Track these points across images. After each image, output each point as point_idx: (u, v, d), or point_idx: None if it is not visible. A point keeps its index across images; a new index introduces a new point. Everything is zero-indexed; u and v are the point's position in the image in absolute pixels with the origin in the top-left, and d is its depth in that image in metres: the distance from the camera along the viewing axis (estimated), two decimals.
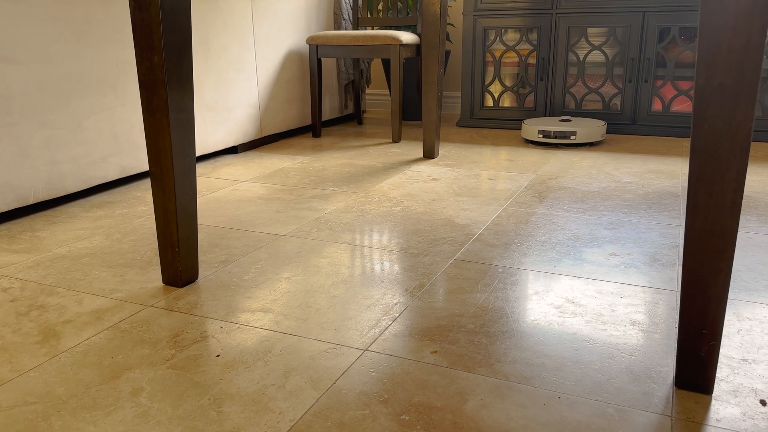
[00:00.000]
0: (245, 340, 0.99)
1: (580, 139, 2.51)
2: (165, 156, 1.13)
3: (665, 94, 2.70)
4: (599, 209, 1.65)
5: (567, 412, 0.79)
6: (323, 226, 1.56)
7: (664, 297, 1.11)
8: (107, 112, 1.86)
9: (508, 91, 2.99)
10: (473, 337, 0.98)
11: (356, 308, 1.09)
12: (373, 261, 1.31)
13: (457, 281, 1.20)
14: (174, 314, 1.08)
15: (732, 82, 0.71)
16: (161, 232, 1.18)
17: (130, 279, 1.24)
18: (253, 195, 1.86)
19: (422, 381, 0.86)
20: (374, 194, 1.84)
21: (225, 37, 2.33)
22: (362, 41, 2.60)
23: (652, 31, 2.65)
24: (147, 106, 1.12)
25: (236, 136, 2.46)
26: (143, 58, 1.10)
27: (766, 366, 0.88)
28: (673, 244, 1.38)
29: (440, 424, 0.77)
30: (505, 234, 1.46)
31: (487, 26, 2.93)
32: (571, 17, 2.77)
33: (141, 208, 1.74)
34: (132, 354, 0.95)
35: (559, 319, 1.04)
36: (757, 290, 1.14)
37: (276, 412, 0.80)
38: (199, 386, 0.86)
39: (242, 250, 1.40)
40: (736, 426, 0.75)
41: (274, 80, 2.65)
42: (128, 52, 1.91)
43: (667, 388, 0.84)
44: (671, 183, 1.91)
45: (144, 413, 0.80)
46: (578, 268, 1.26)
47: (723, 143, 0.72)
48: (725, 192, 0.74)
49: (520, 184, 1.92)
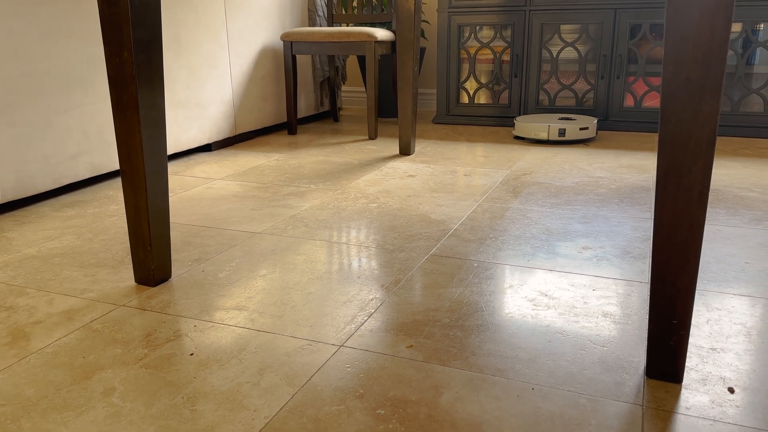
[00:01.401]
0: (219, 338, 0.98)
1: (590, 134, 2.55)
2: (135, 153, 1.11)
3: (637, 90, 2.74)
4: (572, 204, 1.67)
5: (540, 403, 0.79)
6: (299, 223, 1.55)
7: (635, 289, 1.13)
8: (77, 109, 1.83)
9: (483, 88, 3.01)
10: (448, 331, 0.99)
11: (332, 305, 1.09)
12: (349, 257, 1.31)
13: (432, 276, 1.20)
14: (146, 313, 1.07)
15: (698, 76, 0.72)
16: (133, 231, 1.17)
17: (102, 279, 1.22)
18: (228, 193, 1.85)
19: (398, 375, 0.86)
20: (350, 191, 1.84)
21: (197, 34, 2.30)
22: (337, 38, 2.60)
23: (624, 28, 2.68)
24: (117, 103, 1.10)
25: (210, 133, 2.44)
26: (112, 54, 1.08)
27: (734, 355, 0.90)
28: (645, 237, 1.40)
29: (415, 418, 0.77)
30: (480, 229, 1.47)
31: (461, 23, 2.95)
32: (544, 14, 2.80)
33: (113, 207, 1.71)
34: (104, 354, 0.94)
35: (533, 312, 1.05)
36: (725, 281, 1.16)
37: (251, 410, 0.79)
38: (172, 385, 0.85)
39: (216, 248, 1.38)
40: (705, 413, 0.77)
41: (248, 77, 2.63)
42: (98, 48, 1.87)
43: (639, 378, 0.85)
44: (643, 177, 1.94)
45: (116, 413, 0.79)
46: (552, 261, 1.27)
47: (690, 136, 0.74)
48: (693, 184, 0.75)
49: (495, 180, 1.93)
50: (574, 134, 2.51)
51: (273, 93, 2.83)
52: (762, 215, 1.54)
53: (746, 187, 1.80)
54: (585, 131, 2.51)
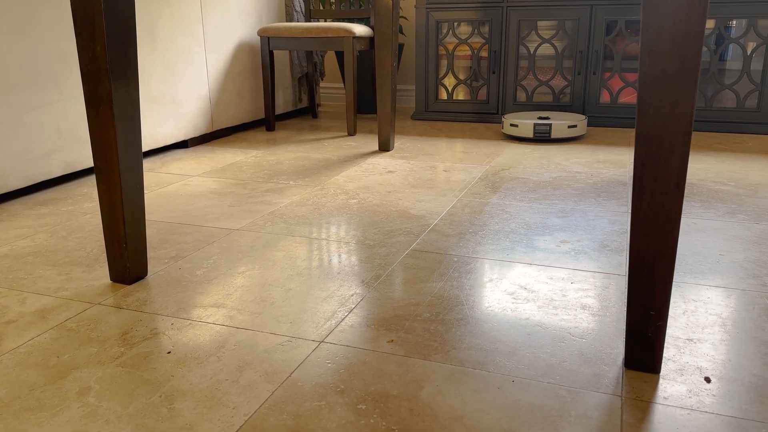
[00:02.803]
0: (197, 336, 0.97)
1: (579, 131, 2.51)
2: (110, 149, 1.09)
3: (613, 85, 2.77)
4: (550, 198, 1.68)
5: (521, 395, 0.80)
6: (278, 219, 1.54)
7: (613, 281, 1.14)
8: (49, 106, 1.79)
9: (461, 84, 3.01)
10: (429, 326, 0.98)
11: (312, 301, 1.08)
12: (329, 253, 1.31)
13: (413, 271, 1.20)
14: (122, 312, 1.05)
15: (674, 68, 0.72)
16: (107, 228, 1.15)
17: (77, 277, 1.20)
18: (205, 189, 1.82)
19: (379, 370, 0.86)
20: (330, 187, 1.83)
21: (172, 28, 2.27)
22: (315, 33, 2.58)
23: (600, 24, 2.71)
24: (90, 98, 1.08)
25: (186, 130, 2.41)
26: (85, 48, 1.06)
27: (710, 345, 0.92)
28: (622, 231, 1.41)
29: (396, 412, 0.77)
30: (460, 224, 1.48)
31: (439, 19, 2.95)
32: (521, 11, 2.81)
33: (87, 205, 1.68)
34: (79, 353, 0.92)
35: (512, 306, 1.05)
36: (701, 273, 1.17)
37: (230, 407, 0.78)
38: (149, 384, 0.84)
39: (194, 245, 1.37)
40: (683, 403, 0.78)
41: (224, 73, 2.60)
42: (71, 43, 1.84)
43: (617, 369, 0.86)
44: (619, 172, 1.96)
45: (92, 413, 0.77)
46: (530, 255, 1.28)
47: (667, 128, 0.74)
48: (669, 176, 0.76)
49: (474, 175, 1.94)
50: (563, 132, 2.49)
51: (250, 89, 2.81)
52: (736, 208, 1.56)
53: (720, 181, 1.83)
54: (574, 129, 2.49)
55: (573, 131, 2.49)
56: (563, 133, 2.48)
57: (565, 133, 2.47)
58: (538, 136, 2.48)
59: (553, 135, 2.47)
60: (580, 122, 2.51)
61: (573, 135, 2.49)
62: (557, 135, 2.47)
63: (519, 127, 2.52)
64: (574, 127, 2.48)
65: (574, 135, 2.50)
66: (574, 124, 2.48)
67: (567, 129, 2.47)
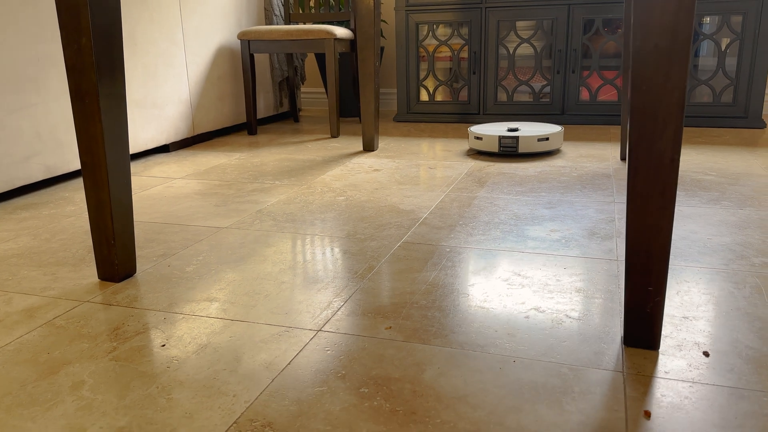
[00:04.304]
0: (191, 328, 0.95)
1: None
2: (96, 144, 1.08)
3: (592, 84, 2.81)
4: (537, 191, 1.69)
5: (523, 374, 0.79)
6: (266, 217, 1.52)
7: (604, 266, 1.15)
8: (29, 109, 1.76)
9: (442, 86, 3.03)
10: (426, 312, 0.98)
11: (306, 292, 1.07)
12: (320, 248, 1.30)
13: (406, 262, 1.20)
14: (113, 308, 1.03)
15: (666, 43, 0.73)
16: (95, 225, 1.13)
17: (63, 277, 1.17)
18: (189, 191, 1.80)
19: (379, 355, 0.85)
20: (316, 186, 1.82)
21: (152, 32, 2.25)
22: (296, 35, 2.58)
23: (578, 23, 2.75)
24: (76, 92, 1.06)
25: (168, 134, 2.38)
26: (70, 41, 1.04)
27: (705, 321, 0.92)
28: (609, 219, 1.43)
29: (400, 394, 0.76)
30: (450, 217, 1.48)
31: (419, 21, 2.96)
32: (499, 11, 2.84)
33: (70, 208, 1.65)
34: (70, 349, 0.90)
35: (508, 291, 1.05)
36: (691, 255, 1.19)
37: (230, 395, 0.77)
38: (145, 376, 0.82)
39: (181, 243, 1.35)
40: (684, 376, 0.78)
41: (205, 77, 2.59)
42: (50, 46, 1.81)
43: (617, 347, 0.86)
44: (603, 165, 1.98)
45: (87, 405, 0.75)
46: (522, 244, 1.28)
47: (660, 103, 0.75)
48: (664, 150, 0.77)
49: (460, 172, 1.94)
50: (531, 147, 2.12)
51: (231, 93, 2.79)
52: (719, 196, 1.59)
53: (702, 171, 1.86)
54: (545, 143, 2.13)
55: (544, 145, 2.13)
56: (533, 148, 2.11)
57: (534, 147, 2.12)
58: (504, 151, 2.13)
59: (521, 150, 2.11)
60: (554, 135, 2.14)
61: (544, 149, 2.13)
62: (526, 150, 2.11)
63: (483, 140, 2.17)
64: (546, 141, 2.13)
65: (546, 149, 2.14)
66: (546, 137, 2.12)
67: (537, 143, 2.12)
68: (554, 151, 2.23)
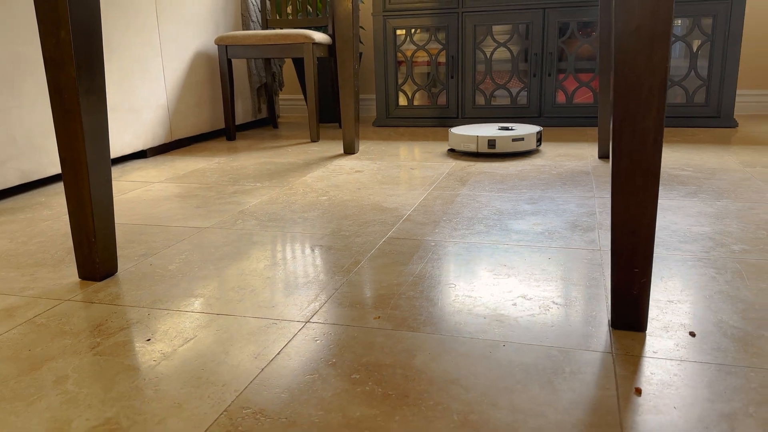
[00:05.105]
0: (177, 323, 0.94)
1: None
2: (76, 140, 1.06)
3: (568, 86, 2.84)
4: (518, 188, 1.70)
5: (514, 357, 0.80)
6: (249, 217, 1.51)
7: (588, 255, 1.16)
8: (3, 113, 1.73)
9: (421, 90, 3.05)
10: (414, 302, 0.98)
11: (293, 286, 1.06)
12: (305, 244, 1.29)
13: (392, 256, 1.19)
14: (95, 306, 1.01)
15: (648, 23, 0.75)
16: (75, 223, 1.10)
17: (42, 277, 1.15)
18: (169, 194, 1.78)
19: (369, 343, 0.85)
20: (298, 187, 1.81)
21: (129, 37, 2.23)
22: (274, 40, 2.57)
23: (553, 27, 2.79)
24: (55, 87, 1.04)
25: (145, 139, 2.36)
26: (48, 34, 1.02)
27: (690, 304, 0.94)
28: (590, 213, 1.44)
29: (391, 379, 0.75)
30: (433, 213, 1.48)
31: (396, 26, 2.98)
32: (476, 16, 2.87)
33: (47, 212, 1.62)
34: (52, 346, 0.88)
35: (494, 281, 1.05)
36: (672, 244, 1.20)
37: (219, 385, 0.76)
38: (131, 369, 0.80)
39: (163, 243, 1.33)
40: (671, 355, 0.79)
41: (182, 82, 2.57)
42: (26, 48, 1.78)
43: (604, 330, 0.86)
44: (581, 163, 2.01)
45: (72, 399, 0.74)
46: (506, 237, 1.29)
47: (643, 84, 0.76)
48: (647, 131, 0.78)
49: (441, 172, 1.95)
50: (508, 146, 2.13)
51: (209, 98, 2.77)
52: (696, 189, 1.62)
53: (679, 167, 1.89)
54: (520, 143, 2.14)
55: (521, 144, 2.15)
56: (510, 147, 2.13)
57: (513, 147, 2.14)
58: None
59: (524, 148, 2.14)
60: (529, 136, 2.15)
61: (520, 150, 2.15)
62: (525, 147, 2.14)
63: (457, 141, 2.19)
64: (521, 141, 2.14)
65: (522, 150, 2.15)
66: (521, 137, 2.14)
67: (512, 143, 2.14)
68: (533, 151, 2.25)
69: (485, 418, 0.67)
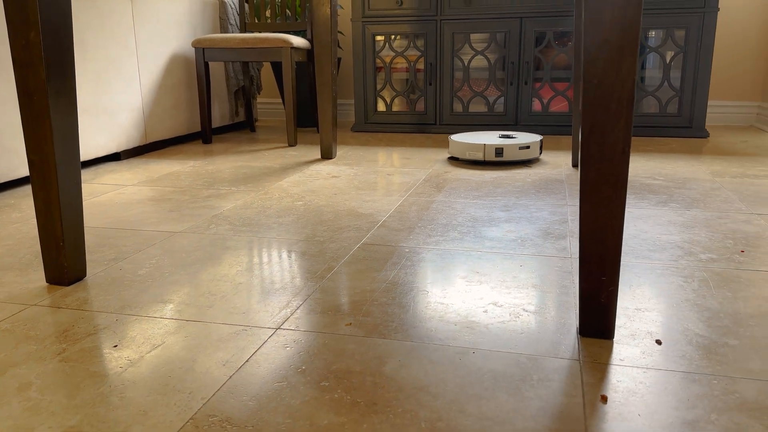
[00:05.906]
0: (145, 329, 0.92)
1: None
2: (45, 141, 1.04)
3: (544, 95, 2.88)
4: (493, 195, 1.71)
5: (482, 364, 0.80)
6: (222, 221, 1.50)
7: (559, 263, 1.17)
8: None
9: (399, 96, 3.06)
10: (386, 309, 0.98)
11: (264, 292, 1.06)
12: (278, 250, 1.28)
13: (366, 262, 1.19)
14: (62, 311, 0.99)
15: (616, 37, 0.76)
16: (43, 227, 1.09)
17: (8, 281, 1.13)
18: (142, 197, 1.76)
19: (339, 350, 0.84)
20: (274, 192, 1.80)
21: (103, 38, 2.20)
22: (252, 44, 2.56)
23: (530, 36, 2.82)
24: (24, 88, 1.03)
25: (119, 141, 2.33)
26: (17, 35, 1.01)
27: (657, 312, 0.95)
28: (563, 220, 1.46)
29: (361, 386, 0.75)
30: (409, 219, 1.48)
31: (375, 32, 2.99)
32: (454, 24, 2.89)
33: (16, 215, 1.59)
34: (16, 352, 0.86)
35: (466, 287, 1.06)
36: (642, 252, 1.22)
37: (185, 392, 0.75)
38: (97, 376, 0.79)
39: (134, 247, 1.31)
40: (638, 363, 0.80)
41: (158, 84, 2.54)
42: None
43: (573, 338, 0.87)
44: (555, 171, 2.03)
45: (35, 406, 0.72)
46: (479, 244, 1.29)
47: (611, 96, 0.78)
48: (616, 142, 0.79)
49: (417, 178, 1.96)
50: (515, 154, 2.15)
51: (185, 101, 2.75)
52: (666, 198, 1.64)
53: (650, 176, 1.92)
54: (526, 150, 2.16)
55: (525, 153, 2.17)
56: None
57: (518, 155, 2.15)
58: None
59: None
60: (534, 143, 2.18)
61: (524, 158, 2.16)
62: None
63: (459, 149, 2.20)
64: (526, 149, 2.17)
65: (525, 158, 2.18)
66: (527, 145, 2.17)
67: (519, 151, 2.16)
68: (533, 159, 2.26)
69: (453, 425, 0.67)
